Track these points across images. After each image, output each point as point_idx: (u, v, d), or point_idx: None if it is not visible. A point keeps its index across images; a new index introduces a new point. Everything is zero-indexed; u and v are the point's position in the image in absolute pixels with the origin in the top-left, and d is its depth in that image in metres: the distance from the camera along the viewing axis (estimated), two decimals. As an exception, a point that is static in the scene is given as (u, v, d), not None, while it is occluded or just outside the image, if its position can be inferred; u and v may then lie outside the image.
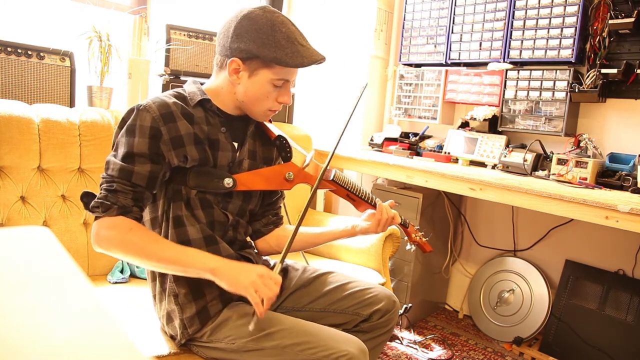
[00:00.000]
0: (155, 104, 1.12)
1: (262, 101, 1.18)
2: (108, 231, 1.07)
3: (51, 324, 0.39)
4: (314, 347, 1.08)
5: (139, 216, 1.12)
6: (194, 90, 1.20)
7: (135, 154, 1.09)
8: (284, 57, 1.11)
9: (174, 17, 2.36)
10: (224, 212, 1.21)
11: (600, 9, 2.05)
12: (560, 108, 2.16)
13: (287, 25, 1.14)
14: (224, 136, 1.20)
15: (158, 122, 1.11)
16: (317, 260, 2.10)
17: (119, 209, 1.07)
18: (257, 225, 1.37)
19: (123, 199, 1.08)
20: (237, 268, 1.09)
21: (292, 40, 1.12)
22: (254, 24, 1.11)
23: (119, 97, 2.07)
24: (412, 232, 1.49)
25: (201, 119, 1.18)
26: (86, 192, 1.12)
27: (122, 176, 1.09)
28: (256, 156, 1.28)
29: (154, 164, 1.11)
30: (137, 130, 1.10)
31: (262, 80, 1.15)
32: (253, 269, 1.08)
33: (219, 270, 1.07)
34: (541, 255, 2.49)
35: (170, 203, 1.17)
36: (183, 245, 1.13)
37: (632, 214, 1.52)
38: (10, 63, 1.68)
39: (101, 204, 1.07)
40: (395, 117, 2.79)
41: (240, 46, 1.12)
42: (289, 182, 1.26)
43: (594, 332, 2.17)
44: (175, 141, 1.12)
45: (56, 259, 0.51)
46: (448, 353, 2.30)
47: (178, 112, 1.14)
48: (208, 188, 1.17)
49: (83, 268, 1.67)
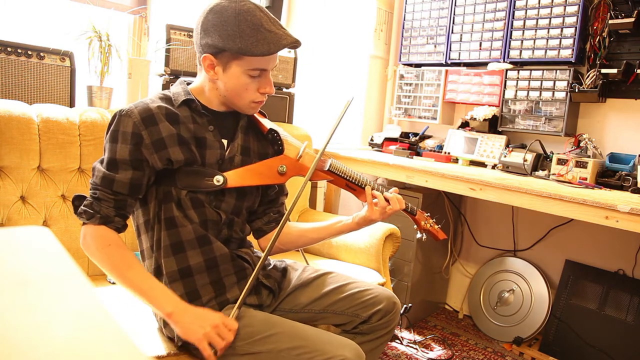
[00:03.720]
0: (137, 109, 1.13)
1: (242, 94, 1.17)
2: (91, 240, 1.10)
3: (51, 324, 0.39)
4: (309, 352, 1.07)
5: (122, 225, 1.14)
6: (178, 90, 1.21)
7: (118, 160, 1.11)
8: (249, 46, 1.09)
9: (174, 17, 2.36)
10: (216, 211, 1.20)
11: (600, 9, 2.05)
12: (560, 108, 2.16)
13: (253, 12, 1.10)
14: (212, 134, 1.20)
15: (139, 126, 1.11)
16: (316, 260, 2.10)
17: (100, 219, 1.10)
18: (259, 223, 1.36)
19: (105, 208, 1.10)
20: (193, 316, 1.07)
21: (257, 27, 1.09)
22: (219, 17, 1.11)
23: (119, 97, 2.07)
24: (422, 220, 1.40)
25: (187, 118, 1.17)
26: (78, 196, 1.14)
27: (104, 184, 1.11)
28: (250, 151, 1.27)
29: (135, 171, 1.11)
30: (119, 136, 1.11)
31: (236, 72, 1.14)
32: (209, 318, 1.07)
33: (174, 315, 1.06)
34: (541, 255, 2.49)
35: (161, 205, 1.16)
36: (153, 278, 1.13)
37: (632, 214, 1.52)
38: (10, 63, 1.68)
39: (85, 211, 1.10)
40: (395, 117, 2.79)
41: (208, 41, 1.12)
42: (282, 175, 1.25)
43: (594, 332, 2.17)
44: (157, 144, 1.12)
45: (56, 259, 0.51)
46: (448, 353, 2.30)
47: (160, 114, 1.14)
48: (198, 187, 1.17)
49: (83, 268, 1.67)
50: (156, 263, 1.19)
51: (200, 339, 1.04)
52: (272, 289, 1.30)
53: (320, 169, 1.29)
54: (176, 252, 1.17)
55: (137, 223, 1.22)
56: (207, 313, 1.09)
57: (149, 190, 1.17)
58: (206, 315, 1.08)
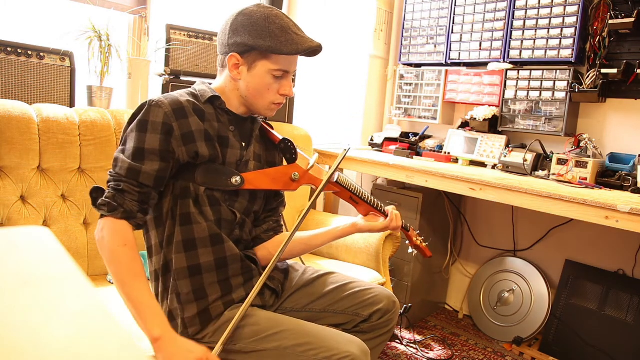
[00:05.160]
0: (167, 100, 1.14)
1: (264, 94, 1.20)
2: (108, 234, 1.07)
3: (51, 324, 0.39)
4: (315, 348, 1.08)
5: (143, 222, 1.13)
6: (203, 88, 1.22)
7: (146, 149, 1.10)
8: (278, 45, 1.13)
9: (174, 17, 2.36)
10: (232, 210, 1.21)
11: (600, 9, 2.05)
12: (560, 108, 2.16)
13: (281, 17, 1.16)
14: (233, 134, 1.22)
15: (170, 117, 1.12)
16: (317, 260, 2.10)
17: (124, 213, 1.08)
18: (258, 231, 1.36)
19: (129, 201, 1.08)
20: (178, 347, 1.02)
21: (286, 29, 1.15)
22: (248, 19, 1.15)
23: (119, 97, 2.07)
24: (413, 236, 1.50)
25: (212, 116, 1.19)
26: (96, 188, 1.12)
27: (129, 176, 1.09)
28: (261, 159, 1.30)
29: (162, 162, 1.11)
30: (149, 125, 1.10)
31: (261, 72, 1.17)
32: (193, 350, 1.03)
33: (160, 342, 1.02)
34: (541, 255, 2.49)
35: (177, 200, 1.16)
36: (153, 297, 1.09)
37: (632, 214, 1.52)
38: (10, 63, 1.68)
39: (108, 203, 1.08)
40: (395, 117, 2.79)
41: (236, 40, 1.15)
42: (294, 182, 1.27)
43: (594, 332, 2.17)
44: (186, 137, 1.13)
45: (56, 259, 0.51)
46: (448, 353, 2.30)
47: (190, 108, 1.15)
48: (216, 185, 1.17)
49: (83, 268, 1.67)
50: (165, 259, 1.18)
51: None
52: (275, 290, 1.30)
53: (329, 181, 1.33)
54: (188, 249, 1.16)
55: (148, 219, 1.22)
56: (193, 346, 1.05)
57: (165, 186, 1.16)
58: (192, 347, 1.04)
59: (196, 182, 1.16)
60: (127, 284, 1.06)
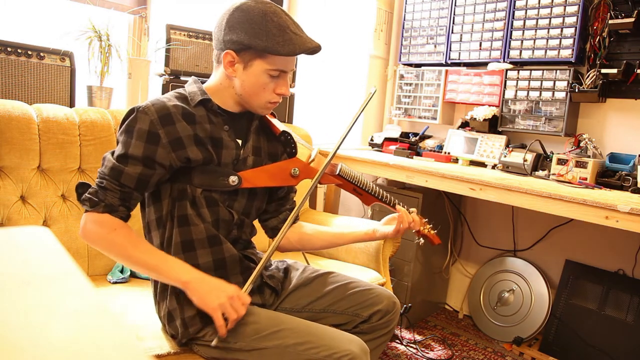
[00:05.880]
0: (154, 107, 1.12)
1: (259, 93, 1.18)
2: (94, 226, 1.10)
3: (51, 324, 0.39)
4: (316, 347, 1.08)
5: (125, 215, 1.14)
6: (194, 90, 1.20)
7: (129, 155, 1.11)
8: (275, 45, 1.10)
9: (174, 17, 2.36)
10: (229, 211, 1.22)
11: (600, 9, 2.05)
12: (560, 108, 2.16)
13: (279, 14, 1.13)
14: (227, 134, 1.20)
15: (156, 125, 1.11)
16: (317, 260, 2.10)
17: (105, 207, 1.10)
18: (274, 222, 1.37)
19: (111, 197, 1.10)
20: (209, 286, 1.08)
21: (284, 28, 1.12)
22: (245, 15, 1.12)
23: (119, 97, 2.07)
24: (420, 225, 1.46)
25: (203, 118, 1.18)
26: (81, 183, 1.14)
27: (112, 175, 1.10)
28: (261, 152, 1.28)
29: (145, 168, 1.11)
30: (134, 132, 1.11)
31: (257, 71, 1.15)
32: (224, 289, 1.09)
33: (190, 284, 1.08)
34: (541, 255, 2.49)
35: (175, 203, 1.17)
36: (162, 252, 1.14)
37: (632, 214, 1.52)
38: (10, 63, 1.68)
39: (89, 199, 1.10)
40: (395, 117, 2.79)
41: (232, 38, 1.12)
42: (294, 178, 1.26)
43: (594, 332, 2.17)
44: (175, 143, 1.12)
45: (56, 259, 0.51)
46: (448, 353, 2.30)
47: (177, 113, 1.14)
48: (213, 186, 1.17)
49: (83, 268, 1.67)
50: None
51: (215, 308, 1.06)
52: (275, 288, 1.31)
53: (330, 173, 1.31)
54: (186, 250, 1.17)
55: (148, 220, 1.22)
56: (223, 284, 1.10)
57: (163, 188, 1.17)
58: (222, 286, 1.09)
59: (193, 184, 1.16)
60: (134, 255, 1.10)
